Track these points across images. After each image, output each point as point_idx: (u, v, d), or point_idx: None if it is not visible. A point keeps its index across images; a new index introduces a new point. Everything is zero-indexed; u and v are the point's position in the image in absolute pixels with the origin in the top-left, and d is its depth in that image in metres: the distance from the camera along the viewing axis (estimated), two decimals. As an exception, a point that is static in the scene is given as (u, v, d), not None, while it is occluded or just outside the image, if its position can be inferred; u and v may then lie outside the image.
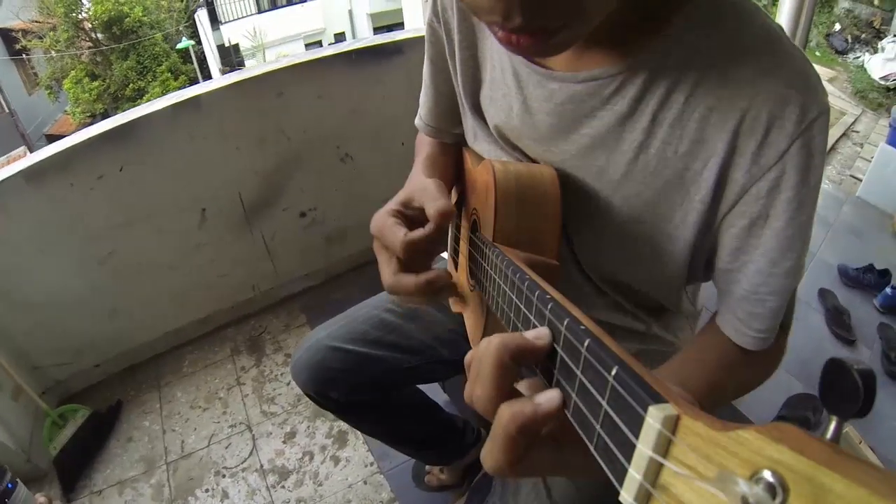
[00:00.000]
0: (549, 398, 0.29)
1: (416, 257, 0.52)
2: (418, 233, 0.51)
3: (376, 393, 0.93)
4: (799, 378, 1.68)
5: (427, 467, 1.39)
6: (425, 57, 0.73)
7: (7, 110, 9.30)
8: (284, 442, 1.60)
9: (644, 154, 0.53)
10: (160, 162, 1.56)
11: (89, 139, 1.40)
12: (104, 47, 11.87)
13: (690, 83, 0.48)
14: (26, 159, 1.36)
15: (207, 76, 13.84)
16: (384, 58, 1.81)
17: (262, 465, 1.55)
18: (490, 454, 0.30)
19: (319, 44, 14.31)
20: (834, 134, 3.51)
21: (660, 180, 0.53)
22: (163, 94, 12.01)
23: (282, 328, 2.00)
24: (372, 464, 1.49)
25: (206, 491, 1.51)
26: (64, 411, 1.62)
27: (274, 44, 13.72)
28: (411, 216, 0.55)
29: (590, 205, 0.57)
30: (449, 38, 0.66)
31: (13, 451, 1.45)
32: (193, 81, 13.10)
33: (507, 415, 0.29)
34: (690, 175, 0.52)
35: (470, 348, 0.58)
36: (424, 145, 0.78)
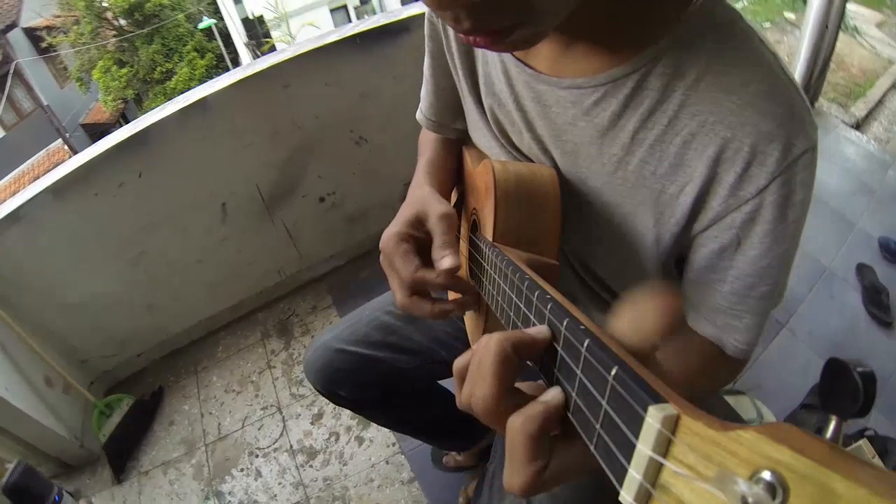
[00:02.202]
0: (553, 394, 0.30)
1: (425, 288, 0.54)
2: (429, 276, 0.52)
3: (383, 390, 0.97)
4: None
5: (444, 449, 1.45)
6: (426, 51, 0.72)
7: (41, 107, 9.65)
8: (312, 423, 1.69)
9: (622, 170, 0.52)
10: (176, 164, 1.62)
11: (106, 150, 1.47)
12: (128, 34, 12.08)
13: (674, 105, 0.47)
14: (50, 175, 1.45)
15: (232, 51, 13.91)
16: (390, 38, 1.78)
17: (291, 446, 1.65)
18: (516, 473, 0.29)
19: (345, 8, 14.08)
20: (882, 85, 3.16)
21: (636, 198, 0.53)
22: (190, 73, 12.28)
23: (309, 310, 2.07)
24: (393, 444, 1.56)
25: (242, 470, 1.62)
26: (110, 401, 1.76)
27: (298, 12, 13.57)
28: (421, 238, 0.56)
29: (577, 207, 0.58)
30: (445, 32, 0.66)
31: (67, 440, 1.60)
32: (220, 58, 13.22)
33: (519, 422, 0.29)
34: (666, 198, 0.51)
35: (466, 348, 0.60)
36: (427, 145, 0.78)
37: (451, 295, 0.65)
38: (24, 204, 1.44)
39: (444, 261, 0.51)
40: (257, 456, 1.65)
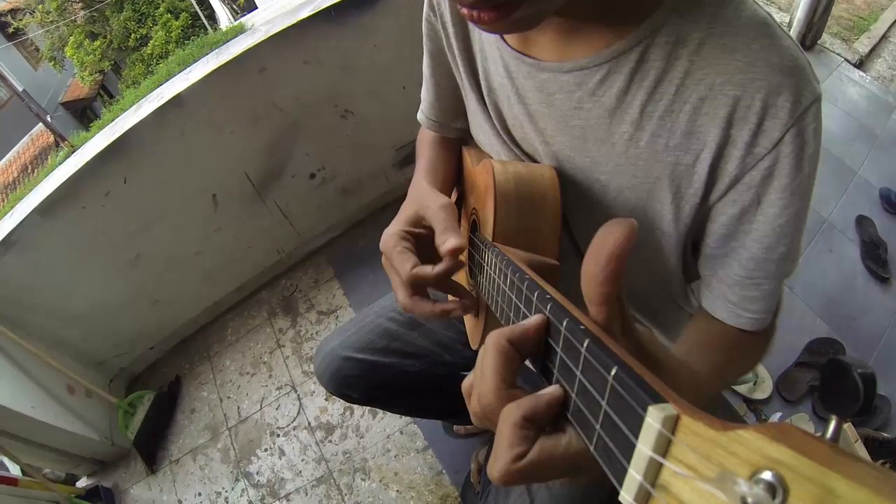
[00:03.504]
0: (549, 390, 0.30)
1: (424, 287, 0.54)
2: (426, 270, 0.52)
3: (391, 391, 1.01)
4: (824, 318, 1.59)
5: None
6: (424, 51, 0.72)
7: (17, 94, 9.36)
8: (326, 399, 1.76)
9: (634, 147, 0.52)
10: (160, 164, 1.60)
11: (87, 163, 1.45)
12: (97, 5, 11.54)
13: (680, 73, 0.47)
14: (35, 196, 1.45)
15: (207, 8, 13.28)
16: (367, 6, 1.70)
17: (309, 423, 1.72)
18: (495, 458, 0.30)
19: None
20: (887, 18, 2.96)
21: (651, 176, 0.53)
22: (167, 36, 11.82)
23: (311, 284, 2.10)
24: (406, 415, 1.63)
25: (266, 450, 1.71)
26: (132, 399, 1.83)
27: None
28: (420, 235, 0.57)
29: (588, 195, 0.58)
30: (445, 30, 0.66)
31: (98, 441, 1.68)
32: (195, 17, 12.65)
33: (508, 410, 0.30)
34: (682, 170, 0.51)
35: (469, 350, 0.62)
36: (425, 146, 0.78)
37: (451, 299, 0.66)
38: (15, 229, 1.45)
39: (448, 242, 0.51)
40: (278, 435, 1.73)
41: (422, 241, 0.57)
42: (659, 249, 0.57)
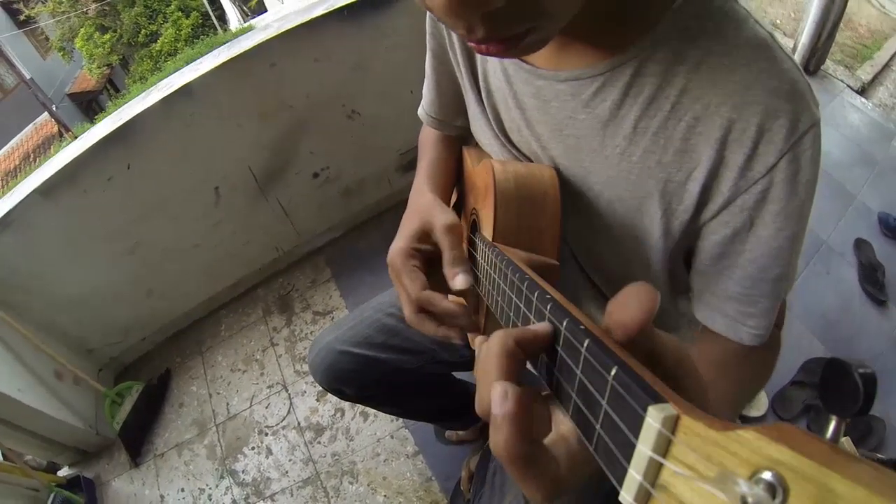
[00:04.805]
0: (540, 324, 0.31)
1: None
2: (435, 299, 0.52)
3: (387, 388, 0.99)
4: (822, 339, 1.60)
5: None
6: (427, 48, 0.72)
7: (24, 81, 9.40)
8: (317, 400, 1.74)
9: (627, 161, 0.52)
10: (164, 153, 1.60)
11: (91, 147, 1.44)
12: (108, -1, 11.66)
13: (676, 90, 0.47)
14: (37, 176, 1.44)
15: (218, 8, 13.41)
16: (382, 6, 1.70)
17: (299, 423, 1.70)
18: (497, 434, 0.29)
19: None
20: (890, 47, 3.02)
21: (642, 190, 0.52)
22: (176, 34, 11.92)
23: (308, 284, 2.09)
24: (397, 419, 1.60)
25: (253, 449, 1.68)
26: (120, 389, 1.81)
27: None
28: (428, 252, 0.56)
29: (583, 202, 0.58)
30: (447, 28, 0.66)
31: (83, 430, 1.66)
32: (205, 16, 12.76)
33: (501, 332, 0.30)
34: (673, 186, 0.51)
35: (467, 349, 0.61)
36: (428, 146, 0.77)
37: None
38: (14, 208, 1.44)
39: (457, 279, 0.51)
40: (267, 434, 1.70)
41: (429, 258, 0.56)
42: (647, 263, 0.57)
